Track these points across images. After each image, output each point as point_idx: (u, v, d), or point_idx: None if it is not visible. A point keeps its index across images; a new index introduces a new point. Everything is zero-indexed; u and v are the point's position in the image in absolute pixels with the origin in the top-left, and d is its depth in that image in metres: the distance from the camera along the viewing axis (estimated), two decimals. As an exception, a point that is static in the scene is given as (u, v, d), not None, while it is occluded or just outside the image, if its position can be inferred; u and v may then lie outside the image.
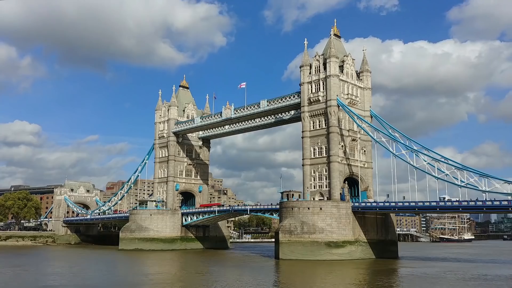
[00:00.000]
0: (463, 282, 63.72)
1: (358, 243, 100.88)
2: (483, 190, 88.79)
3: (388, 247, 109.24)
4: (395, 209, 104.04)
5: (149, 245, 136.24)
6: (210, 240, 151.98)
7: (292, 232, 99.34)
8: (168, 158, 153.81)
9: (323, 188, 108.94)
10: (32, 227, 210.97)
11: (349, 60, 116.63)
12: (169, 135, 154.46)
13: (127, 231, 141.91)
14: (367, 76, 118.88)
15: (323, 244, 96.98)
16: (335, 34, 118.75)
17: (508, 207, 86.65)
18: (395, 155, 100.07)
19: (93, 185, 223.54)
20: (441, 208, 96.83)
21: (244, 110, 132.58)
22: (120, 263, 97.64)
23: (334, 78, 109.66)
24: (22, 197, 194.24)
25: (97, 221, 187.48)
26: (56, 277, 68.71)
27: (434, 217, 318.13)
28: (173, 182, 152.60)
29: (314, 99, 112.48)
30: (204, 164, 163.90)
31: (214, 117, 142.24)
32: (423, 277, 69.63)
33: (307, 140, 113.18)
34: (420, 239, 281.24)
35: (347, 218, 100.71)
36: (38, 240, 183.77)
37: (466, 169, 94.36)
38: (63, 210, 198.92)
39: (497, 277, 69.28)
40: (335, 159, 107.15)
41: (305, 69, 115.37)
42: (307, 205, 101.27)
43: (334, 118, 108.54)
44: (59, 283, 60.78)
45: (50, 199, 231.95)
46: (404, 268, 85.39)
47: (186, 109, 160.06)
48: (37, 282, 62.35)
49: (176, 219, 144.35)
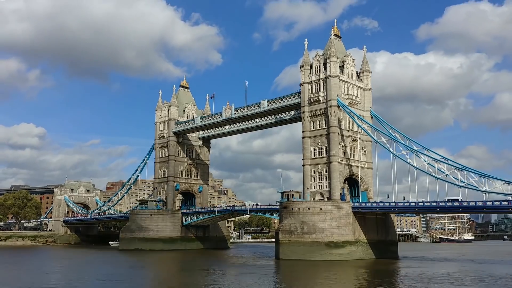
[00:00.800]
0: (463, 282, 63.66)
1: (358, 243, 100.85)
2: (483, 190, 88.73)
3: (388, 247, 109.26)
4: (395, 210, 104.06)
5: (149, 245, 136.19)
6: (210, 240, 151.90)
7: (292, 232, 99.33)
8: (168, 158, 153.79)
9: (323, 188, 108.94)
10: (32, 227, 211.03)
11: (349, 60, 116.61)
12: (169, 135, 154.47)
13: (127, 231, 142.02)
14: (367, 76, 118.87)
15: (323, 244, 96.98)
16: (335, 34, 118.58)
17: (508, 208, 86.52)
18: (395, 155, 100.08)
19: (93, 185, 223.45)
20: (441, 208, 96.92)
21: (244, 110, 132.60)
22: (120, 263, 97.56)
23: (334, 78, 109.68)
24: (22, 197, 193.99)
25: (97, 221, 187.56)
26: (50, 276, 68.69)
27: (434, 217, 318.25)
28: (173, 182, 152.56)
29: (314, 99, 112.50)
30: (204, 164, 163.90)
31: (214, 117, 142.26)
32: (423, 277, 69.56)
33: (307, 140, 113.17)
34: (420, 239, 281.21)
35: (347, 218, 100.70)
36: (38, 240, 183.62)
37: (466, 169, 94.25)
38: (63, 210, 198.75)
39: (496, 277, 69.23)
40: (335, 159, 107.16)
41: (305, 69, 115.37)
42: (307, 205, 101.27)
43: (335, 118, 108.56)
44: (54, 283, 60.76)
45: (50, 199, 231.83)
46: (404, 268, 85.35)
47: (186, 109, 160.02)
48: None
49: (176, 219, 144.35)
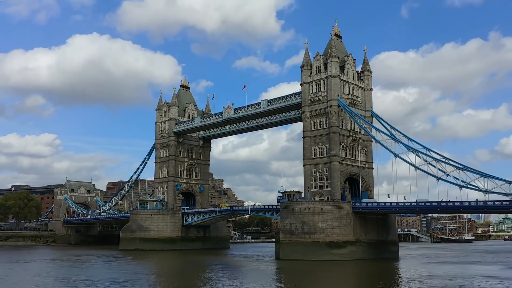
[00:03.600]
0: (463, 282, 63.59)
1: (359, 243, 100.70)
2: (484, 190, 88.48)
3: (389, 247, 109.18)
4: (396, 210, 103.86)
5: (149, 245, 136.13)
6: (210, 240, 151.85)
7: (292, 232, 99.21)
8: (169, 158, 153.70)
9: (324, 188, 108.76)
10: (33, 227, 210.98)
11: (350, 60, 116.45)
12: (169, 135, 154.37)
13: (128, 231, 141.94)
14: (368, 76, 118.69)
15: (323, 244, 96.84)
16: (336, 34, 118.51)
17: (508, 208, 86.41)
18: (396, 155, 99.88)
19: (94, 185, 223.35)
20: (442, 208, 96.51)
21: (245, 110, 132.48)
22: (120, 263, 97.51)
23: (335, 78, 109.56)
24: (22, 197, 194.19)
25: (98, 221, 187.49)
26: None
27: (435, 217, 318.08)
28: (174, 182, 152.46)
29: (315, 99, 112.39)
30: (205, 164, 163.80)
31: (214, 117, 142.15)
32: (423, 277, 69.47)
33: (308, 140, 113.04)
34: (421, 239, 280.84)
35: (348, 218, 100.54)
36: (39, 240, 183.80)
37: (467, 169, 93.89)
38: (64, 210, 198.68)
39: (496, 277, 69.14)
40: (336, 159, 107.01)
41: (305, 69, 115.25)
42: (307, 205, 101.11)
43: (335, 118, 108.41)
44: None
45: (51, 199, 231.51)
46: (405, 268, 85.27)
47: (186, 109, 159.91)
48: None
49: (176, 219, 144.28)
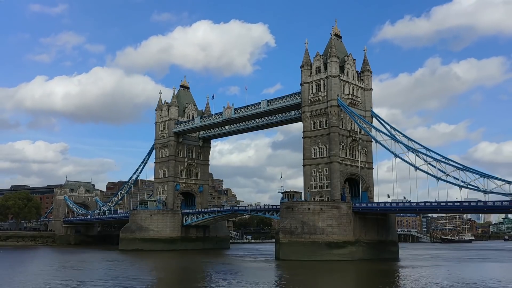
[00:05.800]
0: (462, 282, 63.47)
1: (358, 243, 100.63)
2: (484, 190, 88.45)
3: (389, 247, 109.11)
4: (396, 210, 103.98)
5: (149, 246, 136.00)
6: (210, 240, 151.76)
7: (292, 232, 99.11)
8: (169, 158, 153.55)
9: (324, 188, 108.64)
10: (33, 227, 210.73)
11: (350, 60, 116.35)
12: (169, 135, 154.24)
13: (127, 231, 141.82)
14: (367, 76, 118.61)
15: (323, 245, 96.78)
16: (336, 34, 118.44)
17: (509, 208, 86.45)
18: (396, 155, 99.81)
19: (93, 185, 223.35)
20: (442, 208, 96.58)
21: (245, 110, 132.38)
22: (120, 264, 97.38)
23: (334, 78, 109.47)
24: (22, 197, 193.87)
25: (97, 221, 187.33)
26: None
27: (435, 217, 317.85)
28: (174, 182, 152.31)
29: (314, 99, 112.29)
30: (205, 164, 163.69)
31: (214, 117, 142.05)
32: (423, 277, 69.35)
33: (308, 141, 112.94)
34: (421, 239, 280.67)
35: (347, 218, 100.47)
36: (38, 240, 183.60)
37: (467, 169, 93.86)
38: (63, 210, 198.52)
39: (496, 277, 69.04)
40: (336, 160, 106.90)
41: (305, 69, 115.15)
42: (307, 206, 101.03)
43: (335, 119, 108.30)
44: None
45: (50, 199, 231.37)
46: (405, 268, 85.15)
47: (186, 109, 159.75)
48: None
49: (176, 219, 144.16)
